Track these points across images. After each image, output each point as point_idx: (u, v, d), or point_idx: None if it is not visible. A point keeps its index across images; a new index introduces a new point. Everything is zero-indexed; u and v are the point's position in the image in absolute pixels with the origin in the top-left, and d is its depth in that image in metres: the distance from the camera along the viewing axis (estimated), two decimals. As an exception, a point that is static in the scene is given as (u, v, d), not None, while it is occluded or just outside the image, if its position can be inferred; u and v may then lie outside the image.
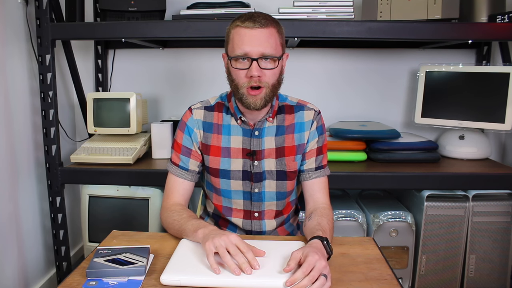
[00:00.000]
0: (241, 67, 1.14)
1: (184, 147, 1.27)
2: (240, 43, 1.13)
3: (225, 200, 1.30)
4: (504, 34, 1.78)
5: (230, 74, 1.18)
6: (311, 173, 1.28)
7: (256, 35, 1.12)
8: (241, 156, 1.25)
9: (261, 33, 1.12)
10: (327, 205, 1.26)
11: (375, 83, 2.35)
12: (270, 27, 1.13)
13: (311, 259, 0.92)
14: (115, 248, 1.06)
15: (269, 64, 1.14)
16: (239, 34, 1.13)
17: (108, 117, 2.05)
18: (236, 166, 1.25)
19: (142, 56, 2.38)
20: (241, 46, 1.12)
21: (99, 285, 0.93)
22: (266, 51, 1.12)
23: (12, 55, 1.84)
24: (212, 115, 1.27)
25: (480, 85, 2.01)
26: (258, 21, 1.12)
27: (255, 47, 1.12)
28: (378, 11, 1.88)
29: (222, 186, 1.28)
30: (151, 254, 1.07)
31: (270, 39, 1.13)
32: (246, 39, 1.12)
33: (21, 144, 1.91)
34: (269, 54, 1.13)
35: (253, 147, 1.25)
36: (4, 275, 1.77)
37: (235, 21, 1.16)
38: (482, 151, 2.08)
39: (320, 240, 1.03)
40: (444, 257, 1.93)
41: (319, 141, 1.29)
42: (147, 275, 0.97)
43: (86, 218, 2.04)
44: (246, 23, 1.12)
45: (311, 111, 1.29)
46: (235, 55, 1.14)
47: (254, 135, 1.25)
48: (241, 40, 1.12)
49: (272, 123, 1.26)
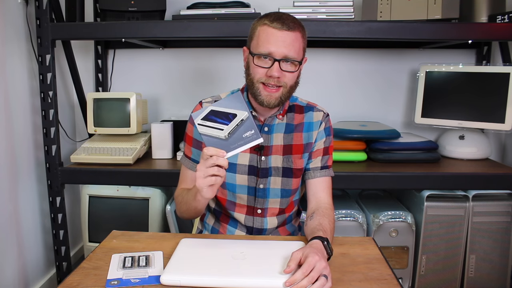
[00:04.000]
0: (263, 65, 1.16)
1: (195, 140, 1.30)
2: (266, 42, 1.14)
3: (229, 194, 1.31)
4: (504, 34, 1.78)
5: (248, 68, 1.20)
6: (316, 171, 1.29)
7: (283, 37, 1.13)
8: (248, 150, 1.26)
9: (287, 35, 1.13)
10: (329, 205, 1.26)
11: (375, 83, 2.35)
12: (297, 31, 1.15)
13: (311, 260, 0.92)
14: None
15: (290, 67, 1.16)
16: (266, 32, 1.14)
17: (108, 117, 2.05)
18: (243, 160, 1.26)
19: (142, 56, 2.38)
20: (267, 45, 1.13)
21: (121, 283, 0.93)
22: (289, 54, 1.14)
23: (12, 55, 1.84)
24: None
25: (480, 85, 2.01)
26: (286, 24, 1.13)
27: (280, 48, 1.13)
28: (378, 11, 1.89)
29: (228, 180, 1.28)
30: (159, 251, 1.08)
31: (295, 42, 1.15)
32: (272, 38, 1.13)
33: (21, 144, 1.91)
34: (291, 57, 1.15)
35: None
36: (4, 275, 1.77)
37: (262, 19, 1.17)
38: (482, 151, 2.08)
39: (320, 241, 1.03)
40: (444, 257, 1.93)
41: (326, 141, 1.31)
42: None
43: (86, 218, 2.04)
44: (275, 23, 1.13)
45: (320, 113, 1.32)
46: (259, 52, 1.15)
47: (264, 131, 1.26)
48: (267, 39, 1.14)
49: (282, 120, 1.28)
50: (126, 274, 0.96)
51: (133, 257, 1.05)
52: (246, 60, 1.22)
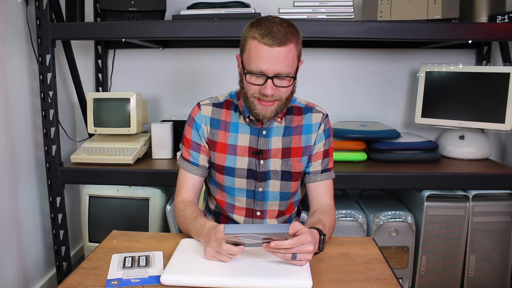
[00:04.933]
0: (256, 82, 1.12)
1: (193, 143, 1.28)
2: (257, 59, 1.09)
3: (228, 197, 1.31)
4: (504, 34, 1.78)
5: (242, 81, 1.17)
6: (316, 175, 1.28)
7: (274, 54, 1.08)
8: (247, 154, 1.26)
9: (279, 52, 1.08)
10: (330, 206, 1.26)
11: (375, 83, 2.35)
12: (289, 43, 1.09)
13: (304, 238, 0.95)
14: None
15: (284, 82, 1.12)
16: (257, 49, 1.09)
17: (108, 117, 2.05)
18: (242, 164, 1.26)
19: (142, 56, 2.38)
20: (258, 63, 1.09)
21: (121, 283, 0.93)
22: (282, 70, 1.10)
23: (12, 55, 1.84)
24: (220, 112, 1.28)
25: (480, 85, 2.01)
26: (277, 38, 1.07)
27: (272, 65, 1.08)
28: (378, 11, 1.88)
29: (227, 183, 1.28)
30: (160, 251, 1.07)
31: (288, 57, 1.10)
32: (263, 56, 1.08)
33: (21, 144, 1.91)
34: (284, 73, 1.10)
35: (260, 146, 1.25)
36: (4, 275, 1.77)
37: (253, 29, 1.11)
38: (482, 151, 2.08)
39: (318, 233, 1.04)
40: (444, 257, 1.93)
41: (326, 143, 1.29)
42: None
43: (86, 218, 2.04)
44: (266, 39, 1.07)
45: (319, 114, 1.29)
46: (250, 70, 1.11)
47: (262, 134, 1.25)
48: (258, 56, 1.09)
49: (280, 123, 1.26)
50: (126, 274, 0.96)
51: (133, 257, 1.05)
52: (239, 69, 1.19)
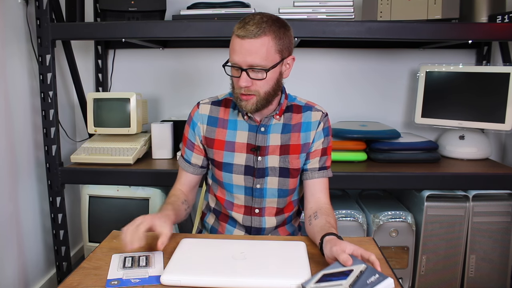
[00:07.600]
0: (234, 74, 1.16)
1: (189, 141, 1.33)
2: (232, 51, 1.13)
3: (227, 194, 1.31)
4: (504, 34, 1.78)
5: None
6: (314, 172, 1.29)
7: (246, 46, 1.10)
8: (245, 151, 1.26)
9: (251, 44, 1.09)
10: (329, 205, 1.27)
11: (375, 83, 2.35)
12: (263, 36, 1.10)
13: (364, 252, 0.94)
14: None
15: (259, 75, 1.13)
16: (233, 42, 1.13)
17: (108, 117, 2.05)
18: (239, 160, 1.26)
19: (142, 56, 2.38)
20: (233, 55, 1.13)
21: (121, 283, 0.93)
22: (254, 62, 1.11)
23: (12, 55, 1.84)
24: (219, 110, 1.29)
25: (480, 85, 2.01)
26: (250, 31, 1.09)
27: (244, 57, 1.11)
28: (378, 11, 1.89)
29: (225, 180, 1.29)
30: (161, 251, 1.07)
31: (260, 50, 1.10)
32: (237, 48, 1.12)
33: (21, 144, 1.91)
34: (256, 66, 1.11)
35: (258, 142, 1.26)
36: (4, 275, 1.77)
37: (236, 25, 1.14)
38: (482, 151, 2.08)
39: (336, 237, 1.04)
40: (444, 257, 1.93)
41: (325, 142, 1.30)
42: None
43: (86, 218, 2.04)
44: (239, 31, 1.11)
45: (318, 112, 1.30)
46: (230, 62, 1.15)
47: (260, 131, 1.26)
48: (233, 49, 1.13)
49: (278, 120, 1.27)
50: (126, 274, 0.96)
51: (133, 257, 1.05)
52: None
